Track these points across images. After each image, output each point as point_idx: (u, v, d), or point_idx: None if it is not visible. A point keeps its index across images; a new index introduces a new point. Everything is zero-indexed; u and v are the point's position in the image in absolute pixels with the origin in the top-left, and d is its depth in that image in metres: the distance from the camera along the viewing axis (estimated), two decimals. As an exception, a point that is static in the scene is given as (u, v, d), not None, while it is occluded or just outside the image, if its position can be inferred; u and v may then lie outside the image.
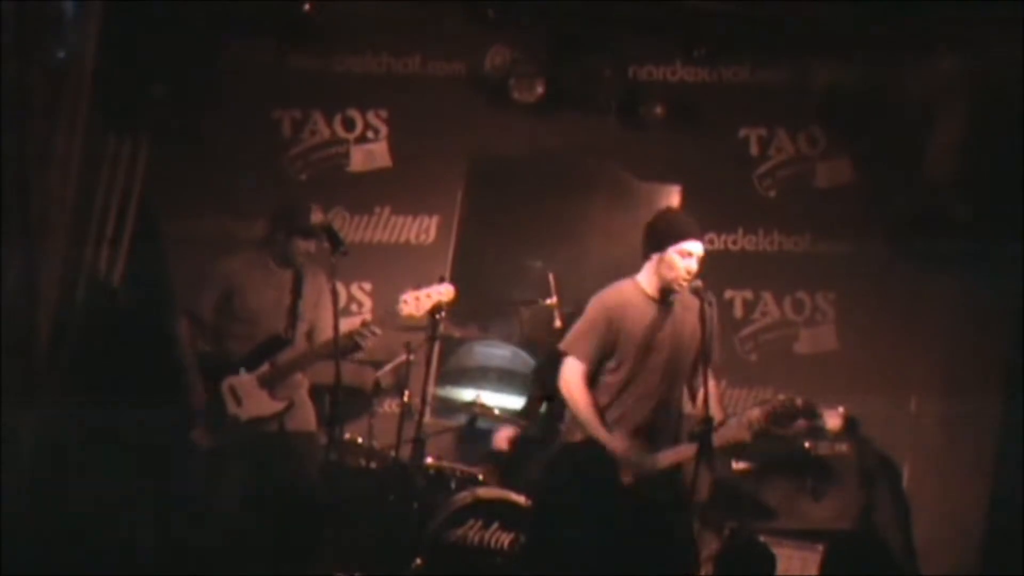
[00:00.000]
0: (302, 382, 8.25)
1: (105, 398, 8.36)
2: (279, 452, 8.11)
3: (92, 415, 8.30)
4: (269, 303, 8.15)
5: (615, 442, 7.31)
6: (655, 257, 7.39)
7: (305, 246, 8.11)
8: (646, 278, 7.45)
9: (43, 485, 7.87)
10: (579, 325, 7.58)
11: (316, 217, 8.11)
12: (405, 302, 7.97)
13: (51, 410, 7.96)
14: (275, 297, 8.16)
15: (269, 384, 8.07)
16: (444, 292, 8.01)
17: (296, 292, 8.17)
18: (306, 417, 8.25)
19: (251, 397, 8.06)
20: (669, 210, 8.88)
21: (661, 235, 7.41)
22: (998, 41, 9.01)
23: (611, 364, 7.45)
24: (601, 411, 7.40)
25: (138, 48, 8.86)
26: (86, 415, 8.28)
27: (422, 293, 7.97)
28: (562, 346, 7.61)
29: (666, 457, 7.34)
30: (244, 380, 8.05)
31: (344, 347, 7.92)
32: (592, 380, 7.45)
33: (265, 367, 8.07)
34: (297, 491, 8.07)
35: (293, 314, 8.15)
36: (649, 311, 7.43)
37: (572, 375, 7.45)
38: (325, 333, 8.10)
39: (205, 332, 8.15)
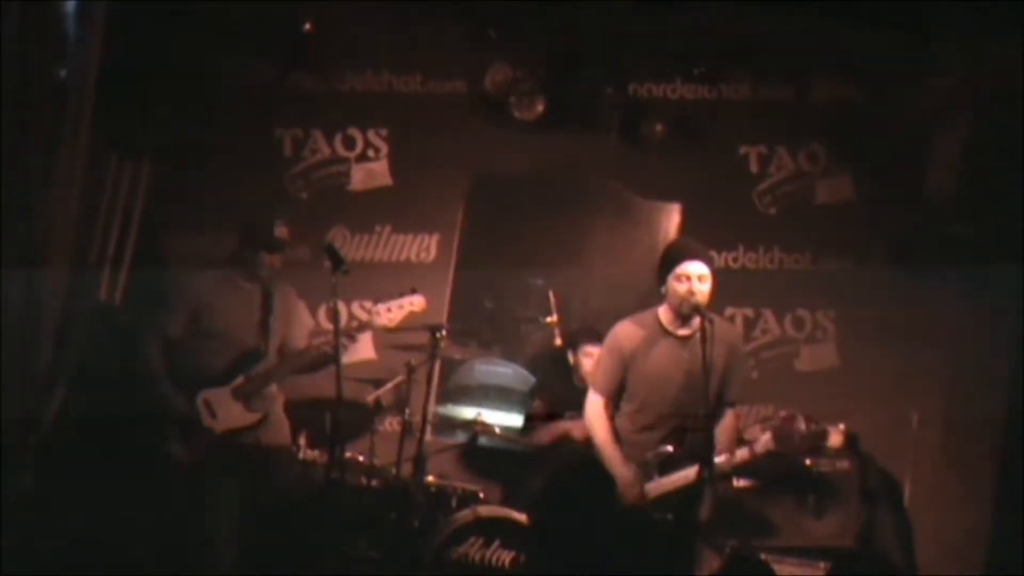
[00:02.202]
0: (277, 396, 8.30)
1: (106, 417, 8.37)
2: (253, 465, 8.14)
3: (93, 435, 8.32)
4: (239, 320, 8.20)
5: (622, 472, 7.43)
6: (663, 291, 7.52)
7: (270, 260, 8.20)
8: (663, 309, 7.59)
9: (44, 505, 7.87)
10: (597, 358, 7.94)
11: (280, 232, 8.21)
12: (378, 313, 8.08)
13: (52, 431, 7.96)
14: (245, 314, 8.21)
15: (244, 396, 8.09)
16: (415, 302, 8.11)
17: (266, 308, 8.23)
18: (281, 431, 8.32)
19: (225, 409, 8.07)
20: (670, 241, 8.98)
21: (661, 266, 7.61)
22: (998, 58, 9.02)
23: (624, 395, 7.65)
24: (619, 438, 7.57)
25: (140, 68, 8.88)
26: (87, 435, 8.29)
27: (394, 304, 8.08)
28: (588, 380, 7.96)
29: (659, 486, 7.41)
30: (218, 393, 8.08)
31: (316, 360, 8.06)
32: (616, 408, 7.68)
33: (239, 380, 8.10)
34: (271, 503, 8.12)
35: (265, 329, 8.20)
36: (661, 343, 7.54)
37: (591, 407, 7.72)
38: (296, 346, 8.25)
39: (176, 350, 8.15)
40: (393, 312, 8.06)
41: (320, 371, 8.03)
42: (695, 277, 7.41)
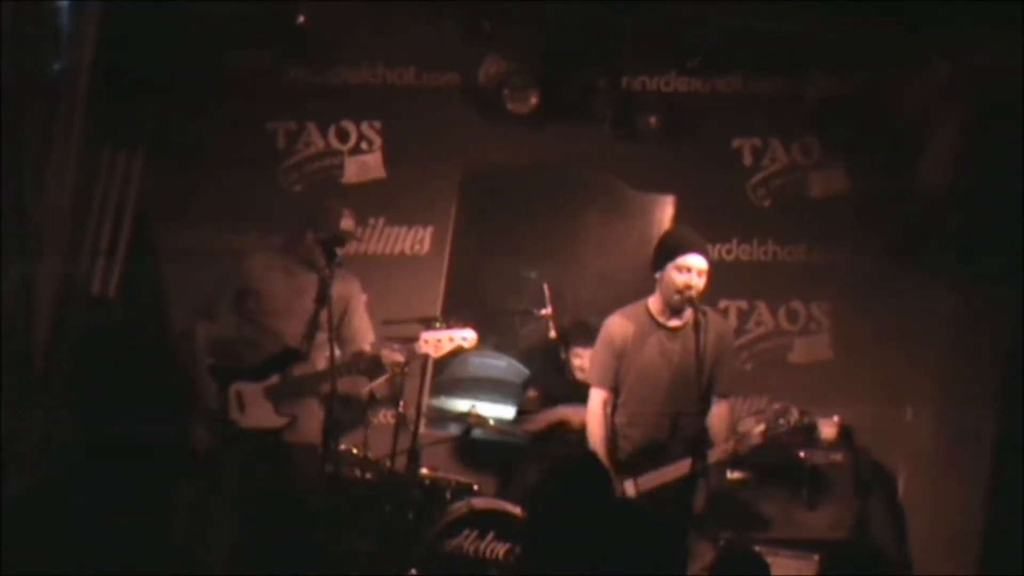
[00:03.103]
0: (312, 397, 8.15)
1: (102, 410, 8.37)
2: (277, 461, 8.06)
3: (89, 427, 8.31)
4: (286, 308, 8.07)
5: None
6: (658, 276, 7.51)
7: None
8: (654, 299, 7.59)
9: (42, 498, 7.86)
10: (592, 354, 7.91)
11: (347, 223, 8.04)
12: (425, 342, 7.90)
13: (49, 422, 7.96)
14: (294, 303, 8.07)
15: (275, 397, 8.00)
16: (468, 339, 7.93)
17: (320, 301, 7.86)
18: (309, 429, 8.10)
19: (255, 407, 8.00)
20: (671, 228, 8.99)
21: (659, 254, 7.58)
22: (993, 50, 9.02)
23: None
24: (614, 437, 7.62)
25: (133, 60, 8.87)
26: (83, 428, 8.29)
27: (444, 336, 7.90)
28: (587, 377, 7.99)
29: (652, 479, 7.42)
30: (251, 388, 7.99)
31: (368, 365, 7.94)
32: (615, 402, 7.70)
33: (274, 379, 8.02)
34: (293, 501, 8.03)
35: (313, 323, 8.02)
36: (651, 334, 7.55)
37: (593, 405, 7.75)
38: (352, 346, 8.11)
39: (219, 332, 8.08)
40: (443, 343, 7.88)
41: (364, 376, 7.91)
42: (695, 270, 7.42)
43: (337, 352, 7.70)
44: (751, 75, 9.88)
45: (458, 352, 8.10)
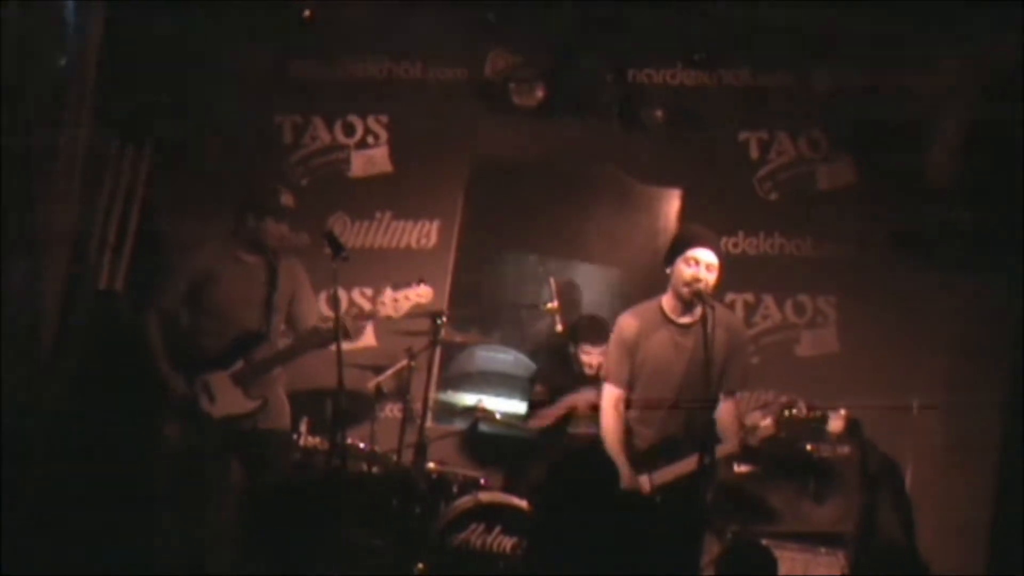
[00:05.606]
0: (279, 378, 8.18)
1: (107, 404, 8.37)
2: (251, 450, 8.07)
3: (95, 421, 8.32)
4: (240, 295, 8.06)
5: (623, 473, 7.49)
6: (669, 272, 7.52)
7: (277, 229, 8.06)
8: (667, 297, 7.60)
9: (46, 493, 7.88)
10: (608, 351, 7.88)
11: (286, 199, 8.10)
12: (383, 303, 7.96)
13: (54, 416, 7.97)
14: (247, 289, 8.08)
15: (243, 382, 8.00)
16: (422, 294, 7.98)
17: (271, 284, 8.07)
18: (280, 415, 8.19)
19: (225, 395, 7.98)
20: (683, 225, 9.00)
21: (669, 250, 7.61)
22: (1000, 45, 9.01)
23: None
24: (629, 431, 7.61)
25: (140, 55, 8.88)
26: (89, 421, 8.30)
27: (400, 295, 7.94)
28: (602, 373, 7.97)
29: (662, 475, 7.42)
30: (218, 377, 7.97)
31: (327, 336, 7.85)
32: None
33: (239, 364, 8.01)
34: (267, 489, 8.06)
35: (268, 307, 8.07)
36: (662, 330, 7.56)
37: (606, 402, 7.72)
38: (305, 324, 8.13)
39: (176, 328, 8.07)
40: (400, 302, 7.94)
41: (324, 348, 7.92)
42: (704, 264, 7.43)
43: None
44: (758, 68, 9.87)
45: (417, 308, 8.09)
